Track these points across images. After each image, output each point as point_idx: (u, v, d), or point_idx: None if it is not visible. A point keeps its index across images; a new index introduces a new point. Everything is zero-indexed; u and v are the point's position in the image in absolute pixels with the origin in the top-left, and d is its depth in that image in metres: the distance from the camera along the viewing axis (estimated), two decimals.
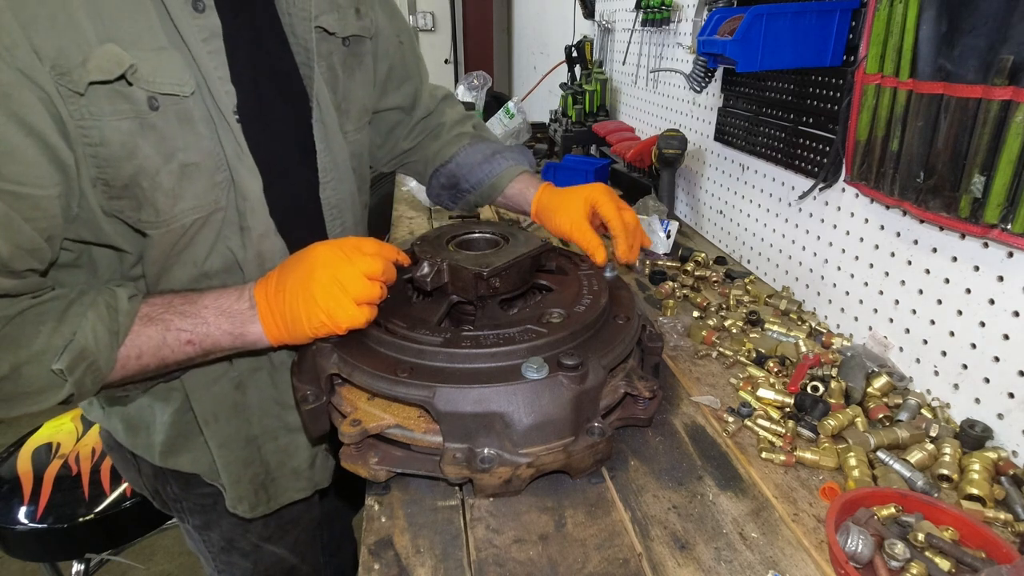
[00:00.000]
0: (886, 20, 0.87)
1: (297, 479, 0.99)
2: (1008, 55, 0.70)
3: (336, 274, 0.71)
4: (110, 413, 0.93)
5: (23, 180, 0.61)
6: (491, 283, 0.82)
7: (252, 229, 0.80)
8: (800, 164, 1.18)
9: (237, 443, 0.90)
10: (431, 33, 4.90)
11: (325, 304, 0.71)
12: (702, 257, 1.39)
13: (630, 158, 1.79)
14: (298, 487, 0.99)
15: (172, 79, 0.68)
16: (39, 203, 0.63)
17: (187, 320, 0.71)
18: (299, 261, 0.73)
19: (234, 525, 1.03)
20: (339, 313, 0.71)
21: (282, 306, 0.72)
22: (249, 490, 0.93)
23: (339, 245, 0.73)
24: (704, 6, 1.48)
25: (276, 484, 0.96)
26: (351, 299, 0.71)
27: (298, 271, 0.72)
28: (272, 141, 0.83)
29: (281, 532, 1.09)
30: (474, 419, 0.68)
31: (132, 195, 0.69)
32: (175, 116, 0.70)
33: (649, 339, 0.86)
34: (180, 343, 0.71)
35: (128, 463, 1.00)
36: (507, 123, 2.52)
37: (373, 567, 0.63)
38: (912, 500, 0.68)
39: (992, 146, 0.74)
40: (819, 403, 0.86)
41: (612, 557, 0.64)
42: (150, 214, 0.71)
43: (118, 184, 0.68)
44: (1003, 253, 0.79)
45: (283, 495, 0.98)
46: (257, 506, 0.95)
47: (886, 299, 1.00)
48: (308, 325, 0.72)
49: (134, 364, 0.70)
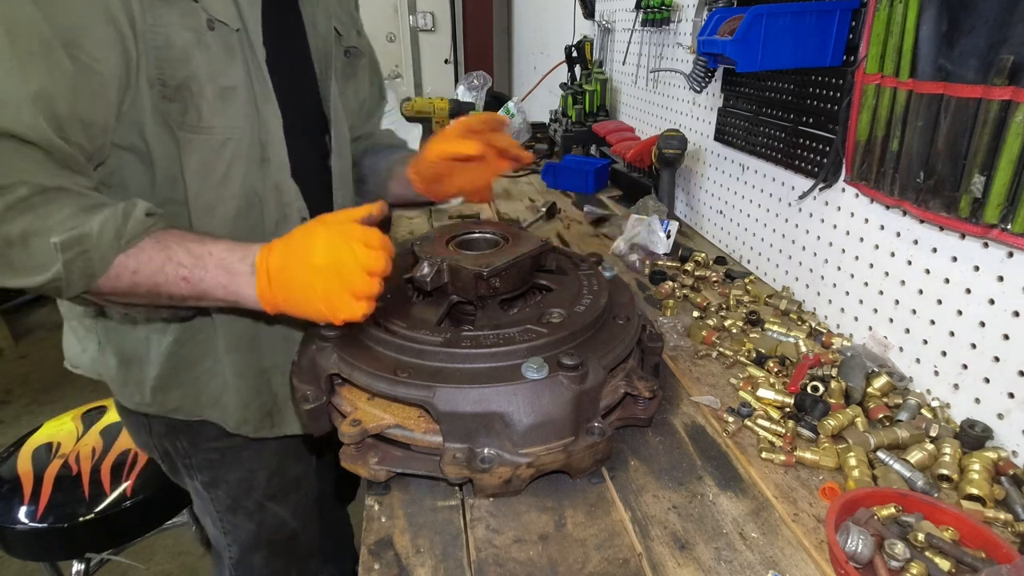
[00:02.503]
0: (886, 20, 0.87)
1: (299, 413, 1.01)
2: (1008, 55, 0.70)
3: (339, 266, 0.71)
4: (105, 347, 0.94)
5: (98, 57, 0.70)
6: (491, 283, 0.82)
7: (271, 161, 0.89)
8: (800, 164, 1.18)
9: (251, 373, 0.97)
10: (431, 33, 4.89)
11: (325, 295, 0.71)
12: (702, 257, 1.39)
13: (630, 158, 1.79)
14: (298, 421, 1.05)
15: (224, 13, 0.81)
16: (105, 83, 0.72)
17: (190, 258, 0.73)
18: (304, 238, 0.73)
19: (240, 481, 1.09)
20: (339, 306, 0.72)
21: (282, 285, 0.73)
22: (256, 415, 1.00)
23: (345, 233, 0.73)
24: (704, 6, 1.48)
25: (281, 414, 1.04)
26: (351, 293, 0.71)
27: (302, 252, 0.72)
28: (291, 100, 0.94)
29: (284, 491, 1.15)
30: (474, 419, 0.68)
31: (182, 98, 0.79)
32: (223, 44, 0.81)
33: (649, 339, 0.86)
34: (177, 277, 0.72)
35: (140, 425, 1.03)
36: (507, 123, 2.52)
37: (373, 567, 0.63)
38: (912, 500, 0.68)
39: (992, 146, 0.74)
40: (819, 403, 0.86)
41: (612, 557, 0.64)
42: (194, 118, 0.80)
43: (172, 84, 0.78)
44: (1003, 253, 0.79)
45: (286, 425, 1.05)
46: (261, 428, 1.02)
47: (886, 299, 1.00)
48: (306, 309, 0.73)
49: (128, 278, 0.71)
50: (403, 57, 4.90)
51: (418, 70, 4.95)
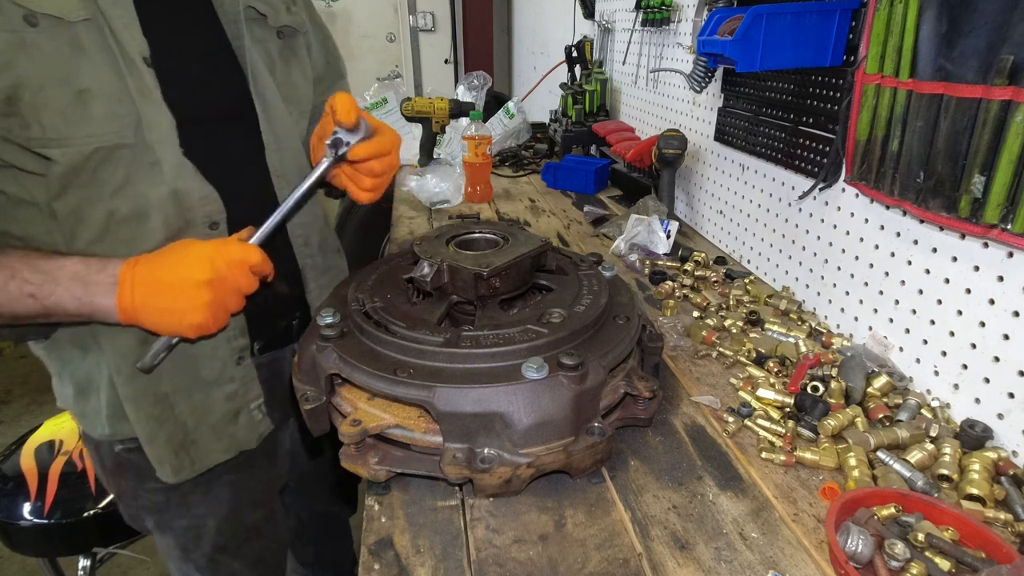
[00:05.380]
0: (886, 20, 0.87)
1: (218, 438, 0.95)
2: (1008, 55, 0.70)
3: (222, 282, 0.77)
4: (62, 376, 0.92)
5: None
6: (491, 283, 0.82)
7: (163, 165, 0.81)
8: (800, 164, 1.18)
9: (146, 399, 0.88)
10: (431, 33, 4.89)
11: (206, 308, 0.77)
12: (702, 257, 1.39)
13: (630, 158, 1.79)
14: (219, 447, 0.96)
15: (55, 5, 0.71)
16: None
17: (37, 275, 0.72)
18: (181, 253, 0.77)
19: (186, 530, 1.01)
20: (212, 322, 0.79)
21: (152, 295, 0.75)
22: (167, 451, 0.91)
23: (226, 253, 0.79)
24: (704, 6, 1.48)
25: (197, 445, 0.93)
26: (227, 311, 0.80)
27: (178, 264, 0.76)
28: (199, 94, 0.88)
29: (239, 541, 1.05)
30: (474, 419, 0.68)
31: (15, 111, 0.71)
32: (65, 41, 0.72)
33: (649, 339, 0.86)
34: (22, 294, 0.72)
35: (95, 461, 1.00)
36: (507, 123, 2.53)
37: (373, 567, 0.63)
38: (912, 500, 0.68)
39: (992, 146, 0.74)
40: (819, 403, 0.86)
41: (612, 557, 0.64)
42: (38, 131, 0.72)
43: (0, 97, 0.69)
44: (1003, 253, 0.79)
45: (206, 456, 0.95)
46: (180, 469, 0.92)
47: (886, 299, 1.00)
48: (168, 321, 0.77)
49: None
50: (403, 57, 4.90)
51: (418, 70, 4.95)
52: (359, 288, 0.89)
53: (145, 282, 0.75)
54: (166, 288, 0.76)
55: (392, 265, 0.97)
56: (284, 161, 0.98)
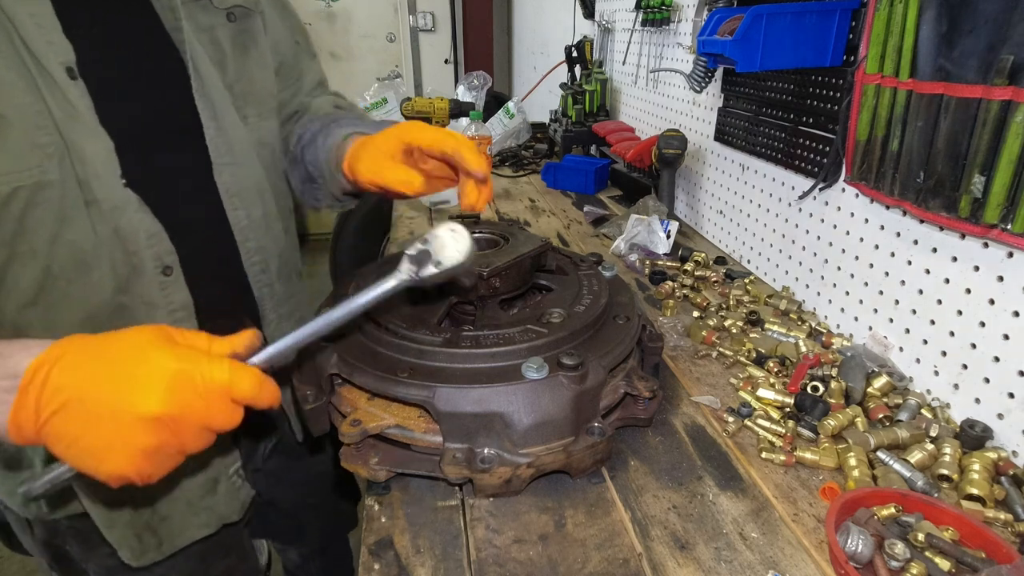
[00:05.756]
0: (886, 20, 0.87)
1: (195, 513, 0.83)
2: (1008, 55, 0.70)
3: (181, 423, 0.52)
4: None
5: None
6: (491, 283, 0.82)
7: (101, 201, 0.67)
8: (800, 164, 1.18)
9: None
10: (431, 33, 4.89)
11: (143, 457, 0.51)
12: (702, 257, 1.39)
13: (630, 158, 1.79)
14: (198, 522, 0.84)
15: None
16: None
17: None
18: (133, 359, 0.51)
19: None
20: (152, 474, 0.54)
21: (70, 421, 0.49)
22: (128, 533, 0.77)
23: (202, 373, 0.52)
24: (704, 6, 1.48)
25: (168, 523, 0.80)
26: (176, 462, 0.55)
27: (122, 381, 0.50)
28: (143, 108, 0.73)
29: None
30: (474, 419, 0.68)
31: None
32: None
33: (649, 339, 0.86)
34: None
35: (22, 524, 0.85)
36: (507, 123, 2.53)
37: (373, 567, 0.63)
38: (912, 500, 0.68)
39: (992, 146, 0.74)
40: (819, 403, 0.86)
41: (612, 557, 0.64)
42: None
43: None
44: (1003, 253, 0.79)
45: (180, 534, 0.82)
46: (145, 552, 0.79)
47: (886, 299, 1.00)
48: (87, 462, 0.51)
49: None
50: (403, 57, 4.90)
51: (418, 70, 4.95)
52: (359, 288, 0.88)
53: (62, 394, 0.49)
54: (90, 413, 0.49)
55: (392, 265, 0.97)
56: (239, 178, 0.82)
